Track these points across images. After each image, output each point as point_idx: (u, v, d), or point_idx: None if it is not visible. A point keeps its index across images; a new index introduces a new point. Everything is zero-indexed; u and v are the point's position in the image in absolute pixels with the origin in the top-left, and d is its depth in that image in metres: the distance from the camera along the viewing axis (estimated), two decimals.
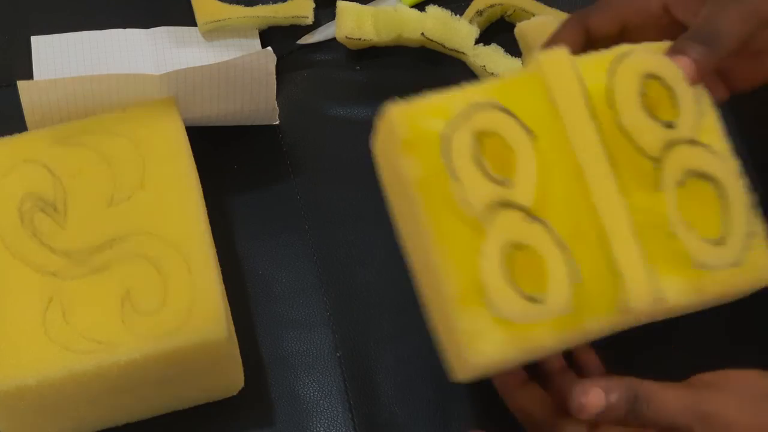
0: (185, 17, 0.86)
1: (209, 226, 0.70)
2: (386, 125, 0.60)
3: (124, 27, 0.86)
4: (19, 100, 0.73)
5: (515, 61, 0.85)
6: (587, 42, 0.66)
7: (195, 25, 0.85)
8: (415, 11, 0.86)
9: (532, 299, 0.56)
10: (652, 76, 0.59)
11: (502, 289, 0.56)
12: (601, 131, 0.58)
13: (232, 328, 0.70)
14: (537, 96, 0.59)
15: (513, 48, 0.84)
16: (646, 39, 0.63)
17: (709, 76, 0.62)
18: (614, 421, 0.60)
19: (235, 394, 0.71)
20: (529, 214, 0.56)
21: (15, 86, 0.73)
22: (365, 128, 0.86)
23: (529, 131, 0.57)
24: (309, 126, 0.84)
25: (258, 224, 0.80)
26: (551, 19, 0.81)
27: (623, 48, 0.61)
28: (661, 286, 0.57)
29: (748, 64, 0.67)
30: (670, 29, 0.65)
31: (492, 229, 0.56)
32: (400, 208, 0.62)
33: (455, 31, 0.86)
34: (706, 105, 0.61)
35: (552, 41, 0.65)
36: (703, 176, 0.58)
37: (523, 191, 0.57)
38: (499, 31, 0.88)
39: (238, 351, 0.70)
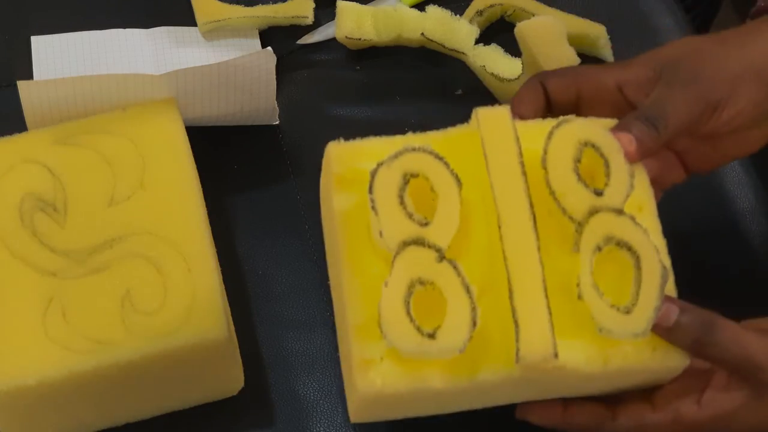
0: (185, 17, 0.86)
1: (209, 226, 0.70)
2: (326, 161, 0.63)
3: (124, 27, 0.86)
4: (19, 100, 0.73)
5: (515, 61, 0.85)
6: (547, 104, 0.67)
7: (195, 25, 0.85)
8: (415, 11, 0.86)
9: (425, 334, 0.57)
10: (589, 144, 0.60)
11: (397, 319, 0.57)
12: (530, 189, 0.60)
13: (232, 328, 0.70)
14: (472, 149, 0.62)
15: (513, 48, 0.84)
16: (600, 113, 0.65)
17: (655, 155, 0.64)
18: (684, 345, 0.60)
19: (235, 394, 0.71)
20: (441, 254, 0.58)
21: (15, 86, 0.73)
22: (365, 128, 0.86)
23: (457, 178, 0.60)
24: (309, 126, 0.84)
25: (258, 224, 0.80)
26: (551, 19, 0.81)
27: (567, 117, 0.63)
28: (556, 344, 0.58)
29: (704, 147, 0.68)
30: (622, 108, 0.67)
31: (399, 261, 0.58)
32: (328, 242, 0.64)
33: (455, 31, 0.85)
34: (641, 181, 0.63)
35: (514, 100, 0.67)
36: (623, 245, 0.59)
37: (441, 233, 0.59)
38: (500, 31, 0.88)
39: (238, 351, 0.70)
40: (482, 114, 0.62)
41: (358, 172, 0.61)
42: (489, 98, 0.85)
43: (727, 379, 0.62)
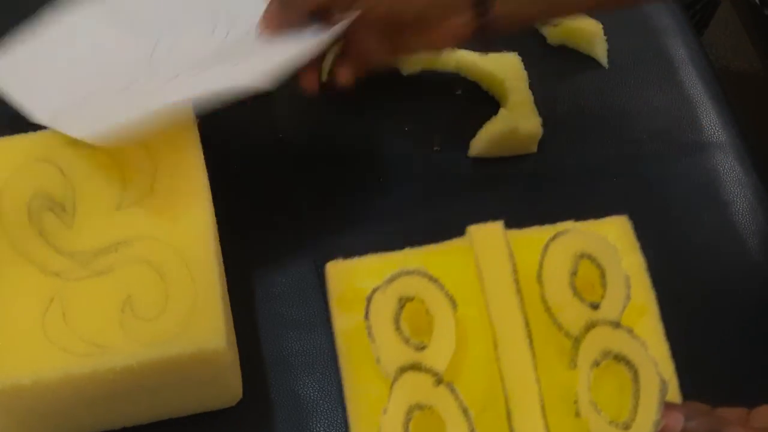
0: None
1: (217, 235, 0.70)
2: (327, 280, 0.65)
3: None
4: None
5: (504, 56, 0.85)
6: None
7: None
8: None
9: None
10: (585, 256, 0.61)
11: None
12: (525, 305, 0.61)
13: (233, 338, 0.70)
14: (466, 266, 0.63)
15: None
16: None
17: None
18: None
19: (233, 405, 0.71)
20: (439, 378, 0.59)
21: None
22: (365, 128, 0.86)
23: (452, 300, 0.60)
24: (309, 126, 0.84)
25: (258, 224, 0.80)
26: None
27: (564, 225, 0.63)
28: None
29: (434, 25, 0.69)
30: None
31: (397, 388, 0.59)
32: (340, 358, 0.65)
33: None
34: (643, 283, 0.63)
35: None
36: (621, 359, 0.59)
37: (437, 356, 0.59)
38: None
39: (238, 363, 0.70)
40: (475, 232, 0.63)
41: (358, 291, 0.63)
42: (489, 98, 0.85)
43: None
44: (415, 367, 0.59)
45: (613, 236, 0.63)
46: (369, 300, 0.61)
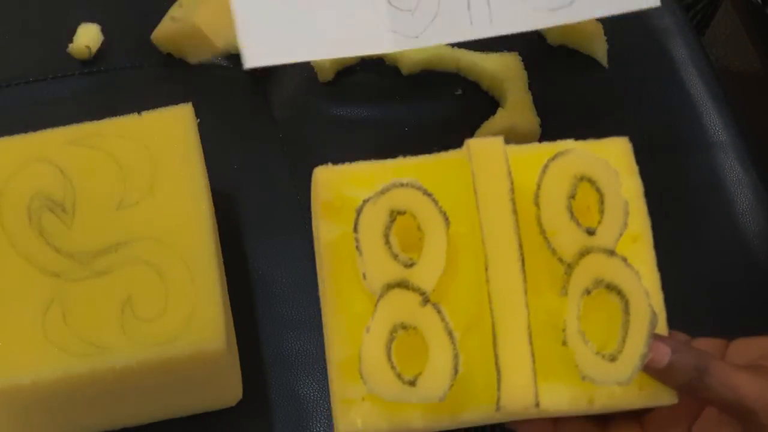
0: None
1: (217, 236, 0.70)
2: (313, 186, 0.61)
3: None
4: (22, 101, 0.73)
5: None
6: None
7: None
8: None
9: (406, 381, 0.56)
10: (585, 179, 0.58)
11: (377, 367, 0.56)
12: (520, 227, 0.58)
13: (233, 340, 0.70)
14: (463, 179, 0.60)
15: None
16: None
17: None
18: (675, 386, 0.59)
19: (232, 405, 0.71)
20: (426, 298, 0.57)
21: (15, 86, 0.73)
22: (365, 128, 0.86)
23: (445, 217, 0.58)
24: (309, 126, 0.84)
25: (258, 224, 0.80)
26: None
27: (564, 145, 0.60)
28: (539, 392, 0.57)
29: None
30: None
31: (382, 306, 0.56)
32: (318, 271, 0.62)
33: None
34: (639, 209, 0.61)
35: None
36: (613, 288, 0.57)
37: (426, 275, 0.57)
38: None
39: (237, 362, 0.70)
40: (474, 146, 0.60)
41: (347, 200, 0.60)
42: (489, 98, 0.85)
43: (719, 413, 0.60)
44: (403, 284, 0.57)
45: (613, 158, 0.60)
46: (359, 211, 0.57)
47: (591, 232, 0.58)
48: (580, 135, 0.83)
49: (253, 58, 0.60)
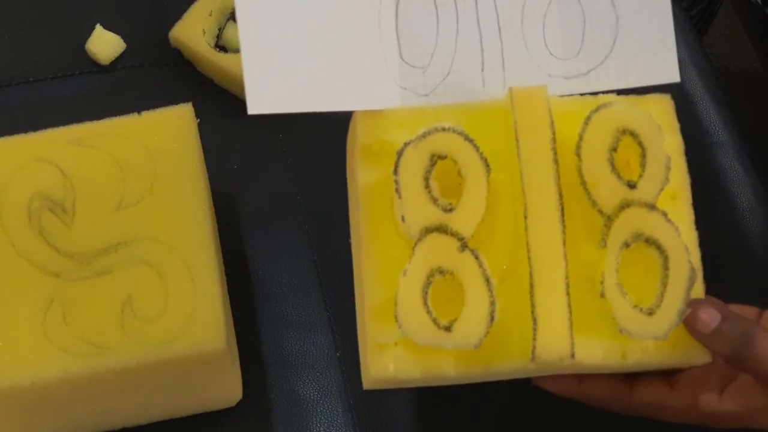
0: None
1: (217, 236, 0.70)
2: (351, 130, 0.61)
3: None
4: (22, 100, 0.73)
5: None
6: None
7: None
8: None
9: (441, 326, 0.56)
10: (627, 132, 0.58)
11: (413, 310, 0.56)
12: (560, 177, 0.58)
13: (233, 340, 0.70)
14: (504, 129, 0.59)
15: None
16: None
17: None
18: (719, 352, 0.58)
19: (232, 405, 0.71)
20: (464, 243, 0.56)
21: (15, 86, 0.73)
22: None
23: (486, 163, 0.57)
24: (309, 126, 0.84)
25: (258, 224, 0.80)
26: None
27: (607, 98, 0.60)
28: (574, 343, 0.57)
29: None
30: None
31: (420, 250, 0.56)
32: (352, 216, 0.62)
33: None
34: (678, 166, 0.60)
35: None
36: (652, 243, 0.57)
37: (465, 221, 0.57)
38: None
39: (237, 363, 0.70)
40: (517, 93, 0.59)
41: (386, 144, 0.59)
42: None
43: (754, 381, 0.59)
44: (441, 229, 0.56)
45: (655, 113, 0.60)
46: (400, 154, 0.57)
47: (632, 186, 0.57)
48: None
49: (256, 106, 0.59)
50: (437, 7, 0.62)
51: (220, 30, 0.87)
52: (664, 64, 0.64)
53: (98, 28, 0.86)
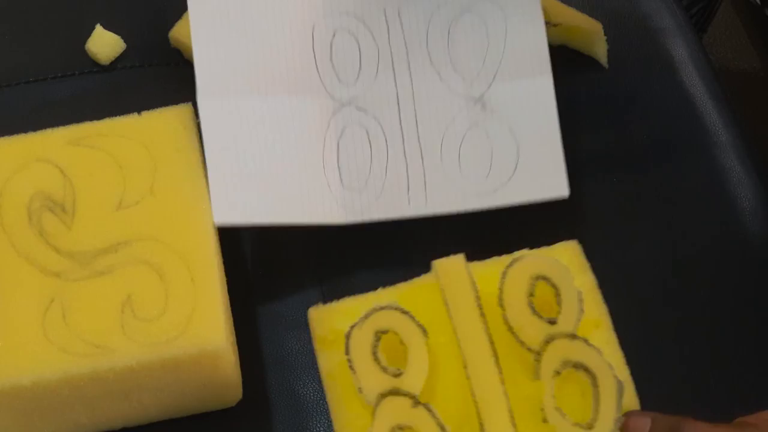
0: None
1: (217, 236, 0.70)
2: (309, 324, 0.69)
3: None
4: (22, 101, 0.73)
5: None
6: None
7: None
8: None
9: None
10: (540, 277, 0.66)
11: None
12: (489, 328, 0.66)
13: (234, 340, 0.70)
14: (434, 298, 0.68)
15: None
16: None
17: None
18: None
19: (232, 405, 0.71)
20: (416, 400, 0.64)
21: (15, 86, 0.73)
22: None
23: (423, 329, 0.65)
24: None
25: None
26: None
27: (519, 253, 0.68)
28: None
29: None
30: None
31: (379, 413, 0.64)
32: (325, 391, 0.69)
33: None
34: (595, 298, 0.68)
35: None
36: (580, 366, 0.64)
37: (413, 381, 0.64)
38: None
39: (238, 362, 0.70)
40: (439, 265, 0.68)
41: (338, 333, 0.67)
42: None
43: None
44: (394, 392, 0.64)
45: (565, 259, 0.68)
46: (348, 336, 0.65)
47: (552, 322, 0.65)
48: (580, 135, 0.83)
49: (221, 216, 0.70)
50: (371, 142, 0.75)
51: None
52: (557, 182, 0.75)
53: (98, 28, 0.86)
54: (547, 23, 0.81)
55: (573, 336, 0.65)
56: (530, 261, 0.67)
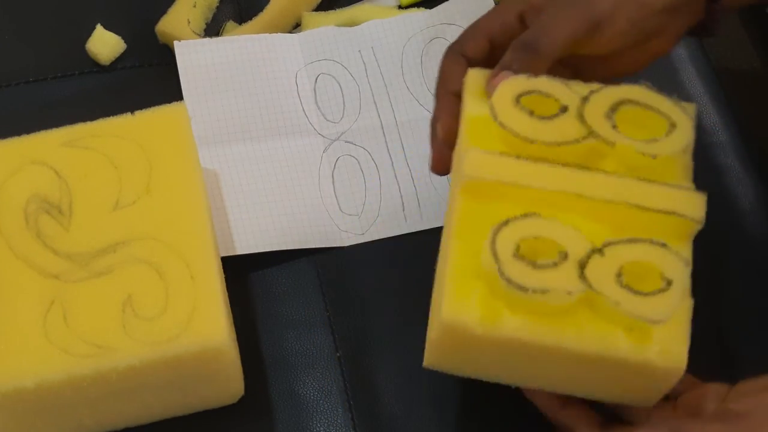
0: None
1: (215, 233, 0.70)
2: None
3: None
4: (22, 101, 0.73)
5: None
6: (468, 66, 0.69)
7: None
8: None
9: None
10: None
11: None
12: None
13: (234, 336, 0.70)
14: None
15: None
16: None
17: (548, 72, 0.66)
18: None
19: (234, 402, 0.71)
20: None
21: (15, 86, 0.73)
22: None
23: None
24: None
25: None
26: None
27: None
28: None
29: (594, 65, 0.70)
30: None
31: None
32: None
33: None
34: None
35: (441, 80, 0.69)
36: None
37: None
38: None
39: (239, 360, 0.70)
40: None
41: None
42: None
43: None
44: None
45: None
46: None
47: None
48: None
49: (243, 247, 0.76)
50: (363, 170, 0.81)
51: (219, 32, 0.87)
52: None
53: (98, 28, 0.86)
54: None
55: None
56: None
